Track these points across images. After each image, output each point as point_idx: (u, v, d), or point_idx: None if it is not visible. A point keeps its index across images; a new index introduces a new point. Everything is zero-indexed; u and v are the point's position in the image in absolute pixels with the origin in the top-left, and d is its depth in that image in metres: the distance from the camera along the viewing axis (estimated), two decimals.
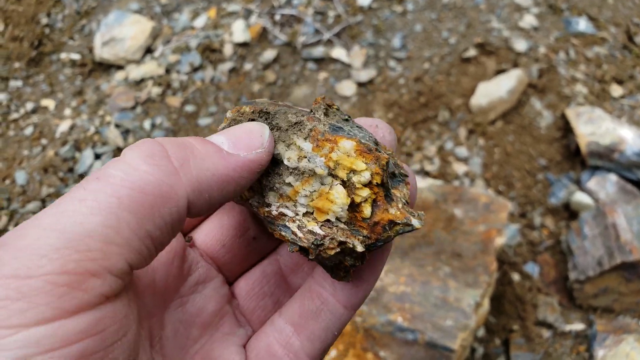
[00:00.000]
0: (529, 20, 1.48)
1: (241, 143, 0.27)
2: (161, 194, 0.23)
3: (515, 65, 1.41)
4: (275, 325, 0.32)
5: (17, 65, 1.64)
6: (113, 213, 0.22)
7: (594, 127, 1.29)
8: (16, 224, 1.35)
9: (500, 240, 1.04)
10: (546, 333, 1.17)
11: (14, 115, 1.57)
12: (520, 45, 1.42)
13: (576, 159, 1.35)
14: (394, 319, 0.91)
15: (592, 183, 1.28)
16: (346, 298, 0.30)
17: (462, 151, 1.31)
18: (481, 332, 1.17)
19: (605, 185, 1.27)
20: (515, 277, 1.20)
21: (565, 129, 1.36)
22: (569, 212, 1.29)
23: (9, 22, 1.66)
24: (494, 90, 1.35)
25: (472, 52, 1.43)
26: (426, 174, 1.29)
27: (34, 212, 1.38)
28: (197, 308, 0.32)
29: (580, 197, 1.27)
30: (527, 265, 1.24)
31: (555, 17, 1.52)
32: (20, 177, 1.42)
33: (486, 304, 0.97)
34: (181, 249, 0.32)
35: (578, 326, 1.17)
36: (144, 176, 0.23)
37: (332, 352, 0.94)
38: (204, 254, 0.34)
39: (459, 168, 1.28)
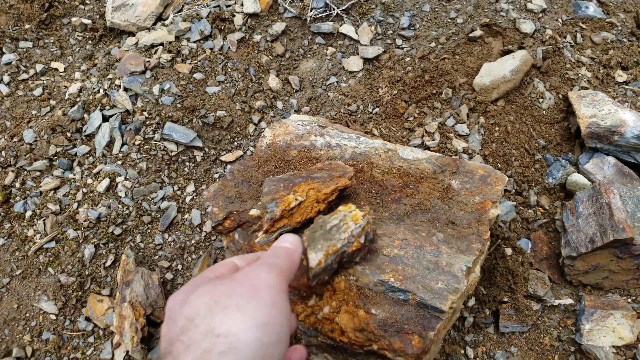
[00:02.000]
0: (538, 2, 1.50)
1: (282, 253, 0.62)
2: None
3: (521, 46, 1.43)
4: None
5: (27, 26, 1.67)
6: None
7: (595, 109, 1.31)
8: (22, 181, 1.39)
9: (495, 212, 1.07)
10: (535, 306, 1.20)
11: (23, 76, 1.61)
12: (527, 26, 1.44)
13: (576, 141, 1.37)
14: (387, 279, 0.95)
15: (590, 165, 1.31)
16: None
17: (462, 128, 1.34)
18: (472, 302, 1.21)
19: (603, 167, 1.30)
20: (509, 251, 1.24)
21: (567, 111, 1.39)
22: (565, 193, 1.32)
23: None
24: (498, 70, 1.37)
25: (478, 32, 1.46)
26: (426, 148, 1.33)
27: (40, 170, 1.42)
28: None
29: (577, 178, 1.30)
30: (520, 241, 1.27)
31: (565, 0, 1.54)
32: (28, 135, 1.46)
33: (477, 271, 1.00)
34: None
35: (567, 301, 1.21)
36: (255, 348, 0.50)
37: (326, 308, 0.98)
38: None
39: (459, 144, 1.31)
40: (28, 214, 1.36)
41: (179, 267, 1.31)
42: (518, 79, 1.37)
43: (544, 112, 1.39)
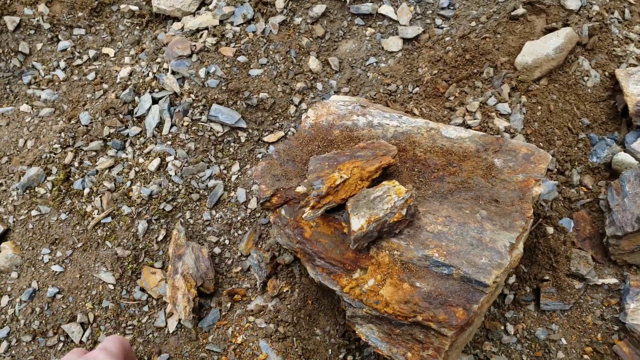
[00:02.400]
0: None
1: None
2: None
3: (566, 23, 1.40)
4: None
5: (80, 14, 1.75)
6: None
7: None
8: (80, 160, 1.47)
9: (538, 190, 1.07)
10: (578, 285, 1.20)
11: (77, 62, 1.69)
12: (573, 3, 1.41)
13: (622, 120, 1.34)
14: (431, 254, 0.97)
15: (638, 144, 1.28)
16: None
17: (504, 107, 1.33)
18: (512, 280, 1.22)
19: None
20: (550, 230, 1.23)
21: (614, 89, 1.35)
22: (610, 172, 1.30)
23: None
24: (541, 48, 1.35)
25: (520, 10, 1.43)
26: (468, 127, 1.32)
27: (96, 150, 1.50)
28: None
29: (624, 157, 1.27)
30: (562, 220, 1.26)
31: None
32: (84, 117, 1.54)
33: (520, 247, 1.01)
34: None
35: (611, 280, 1.20)
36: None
37: (370, 281, 1.01)
38: None
39: (500, 123, 1.31)
40: (86, 191, 1.45)
41: (226, 242, 1.37)
42: (562, 57, 1.35)
43: (588, 90, 1.36)
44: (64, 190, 1.45)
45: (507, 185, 1.08)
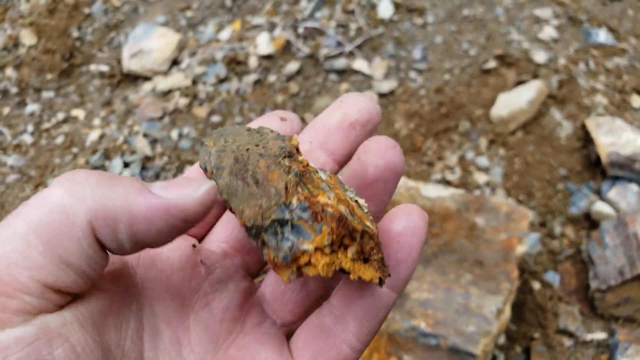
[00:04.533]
0: (548, 32, 1.53)
1: (171, 189, 0.26)
2: (67, 218, 0.23)
3: (535, 76, 1.45)
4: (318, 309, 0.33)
5: (49, 76, 1.73)
6: (23, 239, 0.23)
7: (614, 137, 1.32)
8: None
9: (521, 249, 1.07)
10: (567, 342, 1.19)
11: (46, 125, 1.66)
12: (540, 56, 1.47)
13: (597, 169, 1.38)
14: (418, 325, 0.95)
15: (613, 193, 1.31)
16: (388, 281, 0.30)
17: (483, 161, 1.35)
18: (502, 340, 1.20)
19: (626, 195, 1.30)
20: (536, 285, 1.23)
21: (586, 139, 1.39)
22: (590, 222, 1.32)
23: (42, 35, 1.76)
24: (514, 101, 1.39)
25: (492, 64, 1.48)
26: (447, 183, 1.34)
27: None
28: (223, 305, 0.32)
29: (601, 207, 1.30)
30: (547, 274, 1.27)
31: (575, 28, 1.56)
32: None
33: (507, 311, 1.00)
34: (193, 253, 0.33)
35: (600, 335, 1.20)
36: (54, 200, 0.24)
37: None
38: (222, 251, 0.35)
39: (480, 178, 1.32)
40: None
41: None
42: (535, 109, 1.39)
43: (562, 141, 1.40)
44: None
45: (490, 246, 1.08)
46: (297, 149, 0.29)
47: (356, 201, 0.28)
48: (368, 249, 0.26)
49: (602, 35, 1.53)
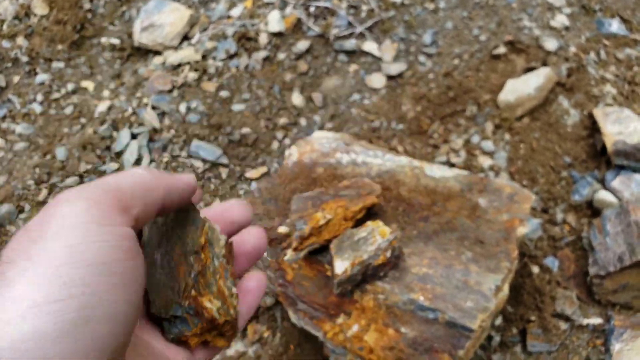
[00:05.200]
0: (560, 20, 1.52)
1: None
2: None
3: (545, 63, 1.45)
4: None
5: (59, 47, 1.75)
6: (131, 183, 0.32)
7: (621, 126, 1.32)
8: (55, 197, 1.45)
9: (522, 230, 1.08)
10: (563, 325, 1.21)
11: (55, 95, 1.68)
12: (551, 44, 1.47)
13: (602, 158, 1.38)
14: (416, 298, 0.97)
15: (617, 182, 1.31)
16: None
17: (488, 145, 1.36)
18: (498, 321, 1.22)
19: (630, 184, 1.31)
20: (535, 269, 1.24)
21: (592, 128, 1.40)
22: (592, 210, 1.33)
23: (54, 6, 1.77)
24: (522, 87, 1.39)
25: (502, 50, 1.48)
26: (452, 165, 1.35)
27: (72, 187, 1.48)
28: None
29: (604, 196, 1.30)
30: (547, 259, 1.28)
31: (588, 17, 1.56)
32: (60, 153, 1.52)
33: (506, 289, 1.02)
34: None
35: (596, 320, 1.21)
36: (143, 173, 0.34)
37: (354, 327, 1.00)
38: None
39: (485, 161, 1.33)
40: None
41: None
42: (542, 96, 1.39)
43: (569, 129, 1.40)
44: None
45: (492, 226, 1.09)
46: (204, 244, 0.39)
47: (230, 289, 0.40)
48: (225, 331, 0.40)
49: (615, 26, 1.53)
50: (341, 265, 0.97)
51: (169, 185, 0.34)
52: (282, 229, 1.06)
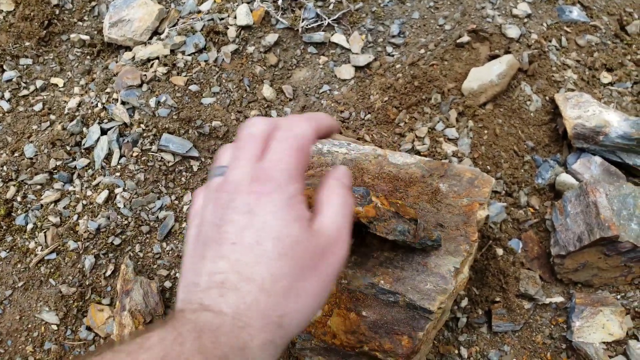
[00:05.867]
0: (523, 8, 1.54)
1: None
2: None
3: (508, 51, 1.46)
4: None
5: (27, 44, 1.72)
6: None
7: (580, 111, 1.34)
8: (23, 195, 1.43)
9: (482, 213, 1.10)
10: (527, 305, 1.23)
11: (24, 92, 1.65)
12: (513, 32, 1.48)
13: (563, 142, 1.40)
14: (377, 282, 0.98)
15: (578, 165, 1.34)
16: None
17: (452, 132, 1.37)
18: (464, 303, 1.24)
19: (590, 167, 1.33)
20: (500, 251, 1.26)
21: (554, 113, 1.42)
22: (555, 193, 1.35)
23: (20, 2, 1.74)
24: (485, 74, 1.40)
25: (466, 38, 1.49)
26: (417, 153, 1.36)
27: (41, 184, 1.46)
28: None
29: (566, 178, 1.32)
30: (511, 241, 1.30)
31: (549, 5, 1.57)
32: (29, 150, 1.50)
33: (466, 272, 1.03)
34: None
35: (558, 299, 1.23)
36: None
37: (318, 312, 1.01)
38: None
39: (448, 148, 1.34)
40: (29, 226, 1.40)
41: (177, 275, 1.34)
42: (505, 83, 1.40)
43: (531, 114, 1.42)
44: (4, 227, 1.40)
45: (452, 210, 1.10)
46: None
47: None
48: None
49: (575, 13, 1.55)
50: None
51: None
52: None
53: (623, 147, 1.29)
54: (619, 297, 1.20)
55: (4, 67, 1.68)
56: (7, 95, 1.63)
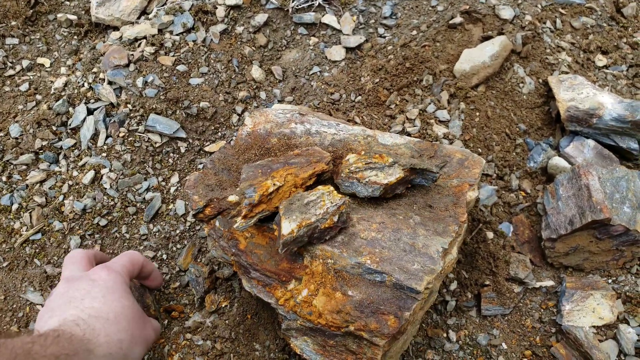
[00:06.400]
0: None
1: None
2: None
3: (501, 32, 1.42)
4: None
5: (13, 23, 1.67)
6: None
7: (574, 93, 1.31)
8: (9, 175, 1.39)
9: (472, 194, 1.06)
10: (517, 288, 1.20)
11: (10, 72, 1.60)
12: (507, 12, 1.44)
13: (556, 125, 1.36)
14: (364, 261, 0.94)
15: (571, 148, 1.30)
16: None
17: (443, 114, 1.33)
18: (454, 286, 1.21)
19: (583, 150, 1.29)
20: (490, 235, 1.23)
21: (547, 96, 1.38)
22: (547, 176, 1.32)
23: None
24: (478, 56, 1.36)
25: (458, 20, 1.45)
26: (407, 135, 1.32)
27: (26, 164, 1.42)
28: None
29: (558, 162, 1.29)
30: (502, 225, 1.27)
31: None
32: (14, 129, 1.45)
33: (454, 253, 1.00)
34: None
35: (548, 283, 1.21)
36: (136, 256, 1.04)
37: (304, 292, 0.97)
38: None
39: (439, 130, 1.31)
40: (14, 207, 1.36)
41: (164, 256, 1.30)
42: (498, 65, 1.37)
43: (524, 96, 1.38)
44: None
45: (441, 191, 1.07)
46: None
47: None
48: None
49: None
50: (288, 227, 0.93)
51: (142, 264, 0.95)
52: (232, 198, 1.02)
53: (617, 130, 1.25)
54: (610, 281, 1.17)
55: None
56: None
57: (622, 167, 1.20)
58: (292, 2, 1.58)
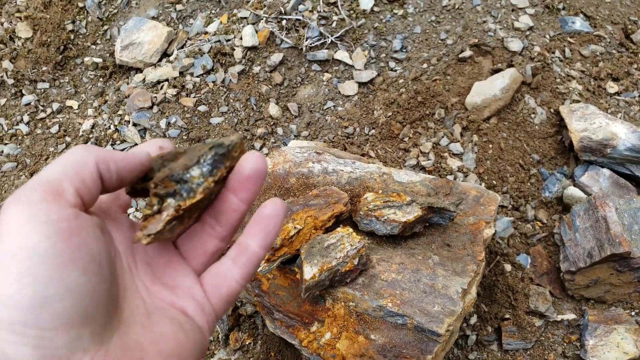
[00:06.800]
0: (524, 21, 1.47)
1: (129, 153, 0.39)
2: (84, 160, 0.33)
3: (510, 64, 1.40)
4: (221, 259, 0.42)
5: (44, 68, 1.70)
6: (62, 169, 0.32)
7: (586, 123, 1.27)
8: None
9: (489, 232, 1.03)
10: (538, 322, 1.16)
11: (41, 115, 1.63)
12: (516, 45, 1.41)
13: (570, 154, 1.33)
14: (385, 304, 0.92)
15: (586, 177, 1.26)
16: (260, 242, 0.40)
17: (456, 147, 1.31)
18: (473, 320, 1.17)
19: (598, 179, 1.25)
20: (508, 267, 1.19)
21: (560, 125, 1.35)
22: (562, 206, 1.28)
23: (37, 28, 1.73)
24: (488, 88, 1.34)
25: (468, 53, 1.43)
26: (422, 168, 1.30)
27: None
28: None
29: (573, 192, 1.25)
30: (519, 256, 1.23)
31: (552, 16, 1.50)
32: None
33: (473, 292, 0.97)
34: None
35: (570, 316, 1.16)
36: (75, 152, 0.34)
37: (327, 335, 0.95)
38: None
39: (453, 163, 1.28)
40: None
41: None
42: (509, 97, 1.34)
43: (536, 127, 1.35)
44: None
45: (458, 229, 1.04)
46: None
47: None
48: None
49: (578, 23, 1.47)
50: (310, 271, 0.92)
51: (102, 157, 0.34)
52: None
53: (632, 160, 1.21)
54: (633, 313, 1.13)
55: (23, 91, 1.66)
56: (25, 118, 1.62)
57: (639, 198, 1.16)
58: (306, 40, 1.58)
